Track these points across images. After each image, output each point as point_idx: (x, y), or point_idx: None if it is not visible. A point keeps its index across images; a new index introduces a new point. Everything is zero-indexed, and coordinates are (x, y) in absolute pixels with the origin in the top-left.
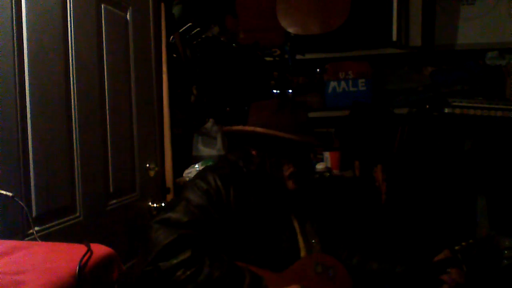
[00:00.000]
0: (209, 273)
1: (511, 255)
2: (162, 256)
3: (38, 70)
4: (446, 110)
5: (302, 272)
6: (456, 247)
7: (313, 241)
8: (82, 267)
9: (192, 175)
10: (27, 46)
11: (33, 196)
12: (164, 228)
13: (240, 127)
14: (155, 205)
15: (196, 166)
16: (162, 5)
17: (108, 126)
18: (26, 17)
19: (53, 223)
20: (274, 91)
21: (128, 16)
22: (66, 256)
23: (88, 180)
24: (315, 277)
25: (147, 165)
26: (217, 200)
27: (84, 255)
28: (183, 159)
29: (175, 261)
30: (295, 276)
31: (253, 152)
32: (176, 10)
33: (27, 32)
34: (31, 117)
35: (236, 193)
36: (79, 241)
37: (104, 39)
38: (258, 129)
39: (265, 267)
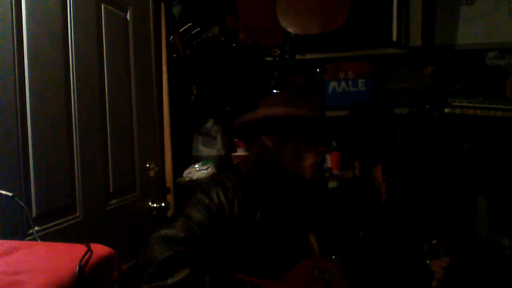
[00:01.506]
0: None
1: (511, 255)
2: (158, 274)
3: (38, 70)
4: (446, 110)
5: (299, 279)
6: (434, 241)
7: (333, 257)
8: (82, 267)
9: (192, 175)
10: (27, 46)
11: (33, 196)
12: (160, 244)
13: (250, 115)
14: (155, 205)
15: (196, 166)
16: (162, 5)
17: (108, 126)
18: (26, 17)
19: (53, 223)
20: (274, 91)
21: (128, 16)
22: (66, 256)
23: (88, 180)
24: (312, 282)
25: (147, 165)
26: (219, 216)
27: (84, 255)
28: (183, 159)
29: (172, 281)
30: (293, 283)
31: (268, 143)
32: (176, 10)
33: (27, 32)
34: (31, 117)
35: (241, 206)
36: (79, 241)
37: (104, 39)
38: (275, 111)
39: (267, 277)
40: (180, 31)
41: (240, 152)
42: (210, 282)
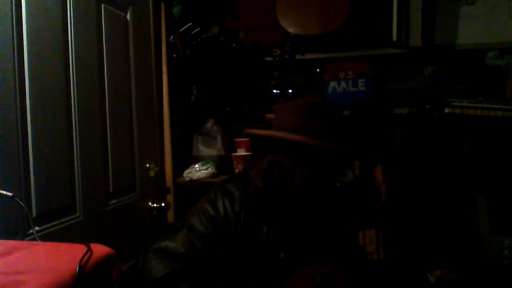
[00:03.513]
0: None
1: (511, 255)
2: None
3: (38, 70)
4: (446, 110)
5: (301, 285)
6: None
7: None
8: (82, 267)
9: (192, 175)
10: (27, 46)
11: (33, 196)
12: (159, 259)
13: (262, 132)
14: (155, 205)
15: (196, 166)
16: (162, 5)
17: (108, 126)
18: (26, 17)
19: (53, 223)
20: (274, 91)
21: (128, 16)
22: (66, 256)
23: (88, 180)
24: None
25: (147, 165)
26: (224, 229)
27: (84, 255)
28: (183, 159)
29: None
30: None
31: (281, 159)
32: (176, 10)
33: (27, 32)
34: (31, 117)
35: (247, 218)
36: (79, 241)
37: (104, 39)
38: (281, 134)
39: (269, 285)
40: (180, 31)
41: (240, 152)
42: None
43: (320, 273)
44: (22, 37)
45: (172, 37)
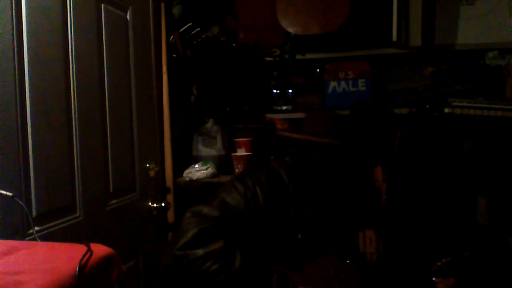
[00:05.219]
0: (240, 266)
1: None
2: (192, 243)
3: (38, 70)
4: (446, 110)
5: (317, 274)
6: (439, 263)
7: (348, 261)
8: (82, 267)
9: (192, 175)
10: (27, 46)
11: (33, 196)
12: (197, 217)
13: (287, 134)
14: (155, 205)
15: (196, 166)
16: (162, 5)
17: (108, 126)
18: (26, 17)
19: (53, 223)
20: (274, 91)
21: (128, 16)
22: (66, 256)
23: (88, 180)
24: (328, 280)
25: (147, 165)
26: (254, 204)
27: (84, 255)
28: (183, 159)
29: (206, 250)
30: (312, 278)
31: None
32: (176, 10)
33: (27, 32)
34: (31, 117)
35: (272, 198)
36: (79, 241)
37: (104, 39)
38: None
39: (285, 266)
40: (180, 31)
41: (240, 152)
42: (240, 258)
43: (334, 266)
44: (22, 37)
45: (172, 37)
